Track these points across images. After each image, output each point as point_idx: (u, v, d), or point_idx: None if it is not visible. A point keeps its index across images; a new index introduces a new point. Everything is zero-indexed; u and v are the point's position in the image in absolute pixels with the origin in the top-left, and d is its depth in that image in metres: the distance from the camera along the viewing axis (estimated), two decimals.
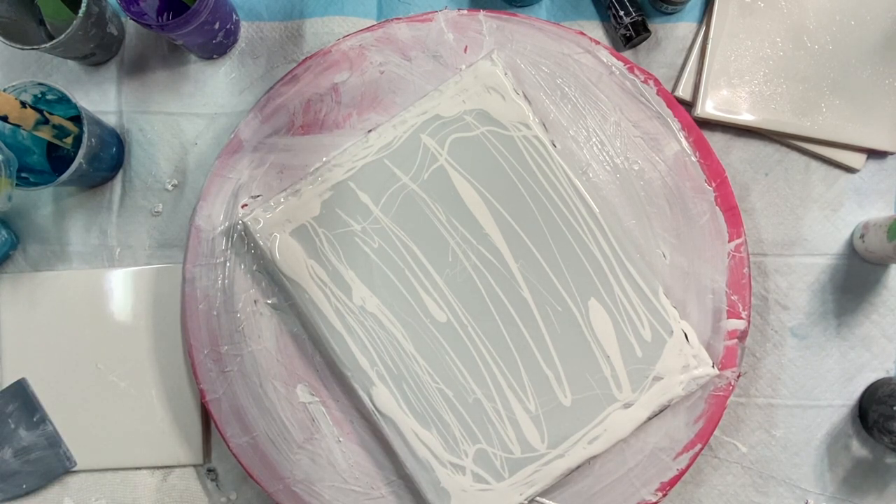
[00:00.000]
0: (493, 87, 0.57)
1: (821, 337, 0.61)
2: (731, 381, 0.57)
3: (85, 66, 0.64)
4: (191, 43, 0.59)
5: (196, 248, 0.58)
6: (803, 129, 0.60)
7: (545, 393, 0.55)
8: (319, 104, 0.59)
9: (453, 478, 0.54)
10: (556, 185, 0.56)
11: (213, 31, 0.58)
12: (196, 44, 0.59)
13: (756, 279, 0.61)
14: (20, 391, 0.60)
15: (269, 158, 0.59)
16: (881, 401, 0.57)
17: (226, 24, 0.60)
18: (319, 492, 0.56)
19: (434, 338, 0.55)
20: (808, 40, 0.61)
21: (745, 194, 0.61)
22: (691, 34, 0.63)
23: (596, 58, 0.59)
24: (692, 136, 0.58)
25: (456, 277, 0.56)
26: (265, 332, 0.58)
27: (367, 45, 0.59)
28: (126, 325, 0.61)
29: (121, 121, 0.63)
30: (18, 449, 0.60)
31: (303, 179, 0.57)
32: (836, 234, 0.61)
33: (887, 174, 0.62)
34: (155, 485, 0.60)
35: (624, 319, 0.55)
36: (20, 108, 0.52)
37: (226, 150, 0.59)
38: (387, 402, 0.55)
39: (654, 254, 0.58)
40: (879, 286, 0.61)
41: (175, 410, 0.60)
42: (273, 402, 0.57)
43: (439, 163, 0.57)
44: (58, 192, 0.63)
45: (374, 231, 0.56)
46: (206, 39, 0.59)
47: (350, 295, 0.56)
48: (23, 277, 0.61)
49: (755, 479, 0.60)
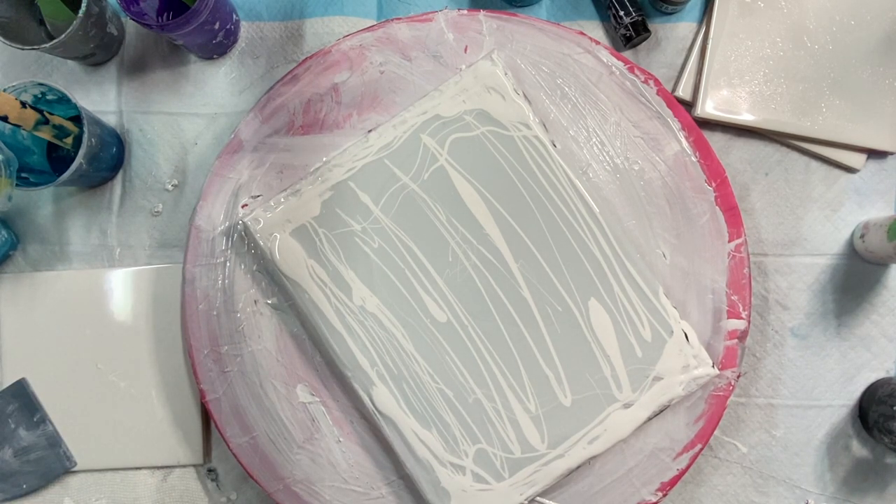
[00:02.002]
0: (493, 87, 0.57)
1: (821, 337, 0.61)
2: (731, 381, 0.57)
3: (85, 66, 0.64)
4: (191, 43, 0.59)
5: (196, 248, 0.58)
6: (803, 129, 0.60)
7: (545, 393, 0.55)
8: (319, 104, 0.59)
9: (453, 478, 0.54)
10: (557, 185, 0.56)
11: (214, 31, 0.58)
12: (196, 44, 0.59)
13: (756, 279, 0.61)
14: (20, 391, 0.60)
15: (269, 158, 0.59)
16: (881, 401, 0.57)
17: (226, 25, 0.60)
18: (319, 492, 0.56)
19: (434, 338, 0.55)
20: (808, 40, 0.61)
21: (745, 194, 0.61)
22: (691, 34, 0.63)
23: (596, 58, 0.59)
24: (692, 136, 0.58)
25: (456, 277, 0.56)
26: (265, 332, 0.58)
27: (367, 45, 0.59)
28: (126, 325, 0.61)
29: (121, 121, 0.63)
30: (18, 449, 0.60)
31: (303, 179, 0.57)
32: (836, 234, 0.61)
33: (887, 174, 0.62)
34: (155, 485, 0.60)
35: (624, 319, 0.55)
36: (20, 108, 0.52)
37: (226, 150, 0.59)
38: (387, 402, 0.55)
39: (654, 254, 0.58)
40: (879, 286, 0.61)
41: (175, 410, 0.60)
42: (273, 402, 0.57)
43: (439, 163, 0.57)
44: (58, 192, 0.63)
45: (374, 231, 0.56)
46: (206, 39, 0.59)
47: (350, 295, 0.56)
48: (23, 277, 0.61)
49: (755, 479, 0.60)
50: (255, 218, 0.56)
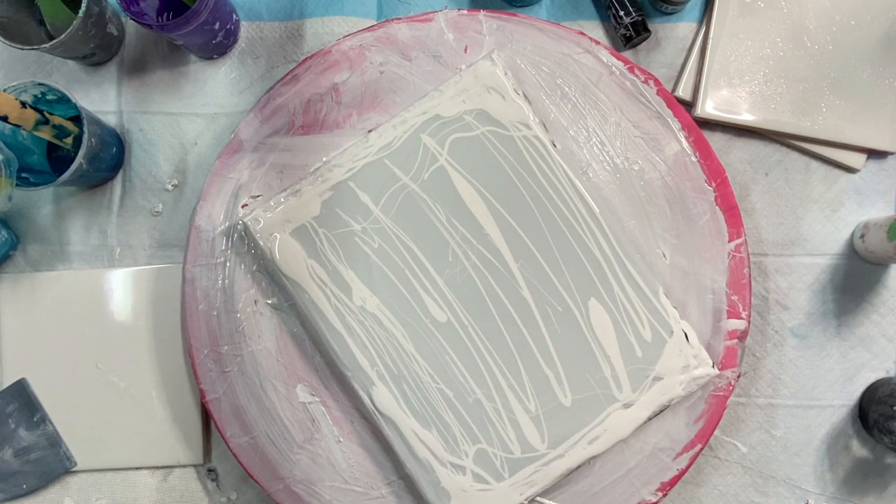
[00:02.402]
0: (493, 87, 0.57)
1: (821, 337, 0.61)
2: (731, 381, 0.57)
3: (85, 66, 0.64)
4: (191, 43, 0.59)
5: (196, 248, 0.58)
6: (803, 129, 0.60)
7: (545, 393, 0.55)
8: (319, 104, 0.59)
9: (453, 478, 0.54)
10: (557, 185, 0.56)
11: (213, 31, 0.58)
12: (196, 44, 0.59)
13: (756, 279, 0.61)
14: (20, 391, 0.60)
15: (269, 158, 0.59)
16: (881, 401, 0.57)
17: (226, 25, 0.60)
18: (319, 492, 0.56)
19: (434, 338, 0.55)
20: (808, 40, 0.61)
21: (745, 194, 0.61)
22: (691, 34, 0.63)
23: (596, 58, 0.59)
24: (692, 136, 0.58)
25: (456, 277, 0.56)
26: (265, 332, 0.58)
27: (367, 45, 0.59)
28: (126, 325, 0.61)
29: (121, 121, 0.63)
30: (19, 449, 0.60)
31: (303, 179, 0.57)
32: (836, 234, 0.61)
33: (887, 174, 0.62)
34: (155, 485, 0.60)
35: (624, 319, 0.55)
36: (20, 108, 0.52)
37: (226, 150, 0.59)
38: (387, 402, 0.55)
39: (654, 254, 0.58)
40: (879, 286, 0.61)
41: (175, 410, 0.60)
42: (273, 402, 0.57)
43: (439, 163, 0.57)
44: (58, 192, 0.63)
45: (374, 231, 0.56)
46: (206, 40, 0.59)
47: (350, 295, 0.56)
48: (23, 277, 0.61)
49: (755, 479, 0.60)
50: (255, 218, 0.56)
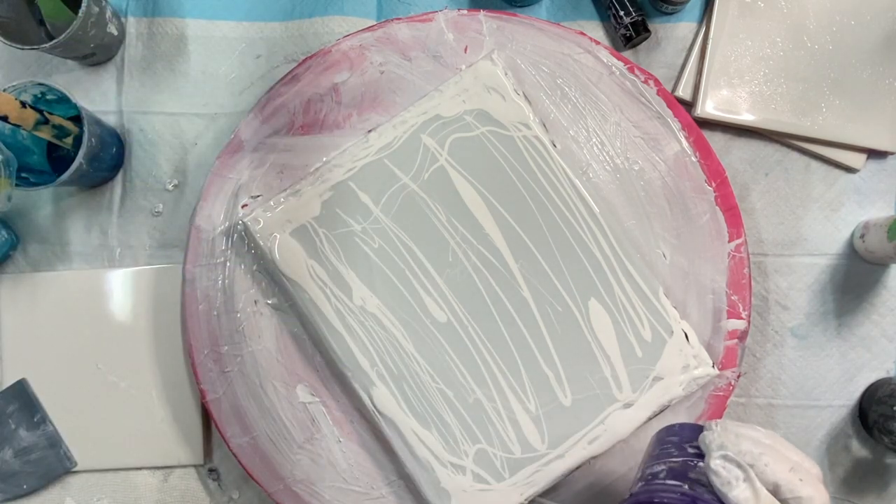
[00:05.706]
0: (493, 87, 0.57)
1: (821, 337, 0.61)
2: (731, 381, 0.57)
3: (85, 66, 0.64)
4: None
5: (196, 248, 0.58)
6: (803, 129, 0.60)
7: (545, 393, 0.55)
8: (319, 104, 0.59)
9: (453, 478, 0.54)
10: (557, 185, 0.56)
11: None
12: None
13: (756, 279, 0.61)
14: (20, 391, 0.60)
15: (269, 158, 0.59)
16: (881, 401, 0.57)
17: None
18: (320, 492, 0.56)
19: (434, 338, 0.55)
20: (808, 40, 0.61)
21: (745, 194, 0.61)
22: (691, 34, 0.63)
23: (596, 58, 0.59)
24: (692, 136, 0.58)
25: (456, 277, 0.56)
26: (265, 332, 0.58)
27: (367, 45, 0.59)
28: (126, 325, 0.60)
29: (121, 121, 0.63)
30: (19, 449, 0.60)
31: (303, 179, 0.57)
32: (836, 234, 0.61)
33: (887, 174, 0.62)
34: (156, 485, 0.60)
35: (624, 319, 0.55)
36: (20, 108, 0.52)
37: (226, 150, 0.59)
38: (387, 403, 0.55)
39: (654, 254, 0.58)
40: (879, 286, 0.61)
41: (175, 410, 0.60)
42: (273, 402, 0.57)
43: (439, 163, 0.57)
44: (58, 192, 0.63)
45: (374, 231, 0.56)
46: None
47: (350, 295, 0.56)
48: (23, 277, 0.61)
49: None
50: (255, 218, 0.56)
